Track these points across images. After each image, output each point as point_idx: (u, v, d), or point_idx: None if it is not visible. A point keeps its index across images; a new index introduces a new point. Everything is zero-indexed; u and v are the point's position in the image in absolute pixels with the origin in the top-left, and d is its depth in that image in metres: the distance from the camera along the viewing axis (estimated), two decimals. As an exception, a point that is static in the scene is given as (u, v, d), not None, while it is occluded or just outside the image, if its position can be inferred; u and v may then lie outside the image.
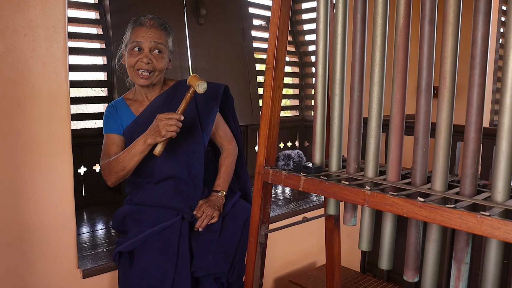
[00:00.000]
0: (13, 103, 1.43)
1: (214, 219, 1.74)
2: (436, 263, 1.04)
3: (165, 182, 1.81)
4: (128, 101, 1.90)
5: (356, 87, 1.21)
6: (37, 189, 1.51)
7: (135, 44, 1.75)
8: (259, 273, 1.45)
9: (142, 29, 1.75)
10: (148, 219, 1.69)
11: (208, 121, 1.87)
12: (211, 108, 1.87)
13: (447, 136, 1.01)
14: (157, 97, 1.86)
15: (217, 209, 1.78)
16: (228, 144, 1.99)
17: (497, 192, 0.93)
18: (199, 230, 1.72)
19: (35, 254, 1.53)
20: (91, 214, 2.23)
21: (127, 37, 1.80)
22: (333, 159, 1.30)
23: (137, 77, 1.77)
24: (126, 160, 1.70)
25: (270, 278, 2.36)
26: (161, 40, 1.77)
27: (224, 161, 1.95)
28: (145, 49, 1.74)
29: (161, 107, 1.83)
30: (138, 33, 1.75)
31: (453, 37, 0.97)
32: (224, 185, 1.89)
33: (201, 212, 1.75)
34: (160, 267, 1.57)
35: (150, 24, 1.76)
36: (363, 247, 1.19)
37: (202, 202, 1.79)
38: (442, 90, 0.99)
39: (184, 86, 1.85)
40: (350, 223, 1.25)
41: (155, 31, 1.76)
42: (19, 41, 1.42)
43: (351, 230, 2.79)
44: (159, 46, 1.76)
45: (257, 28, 3.16)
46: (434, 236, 1.03)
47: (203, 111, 1.87)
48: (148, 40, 1.74)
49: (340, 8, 1.21)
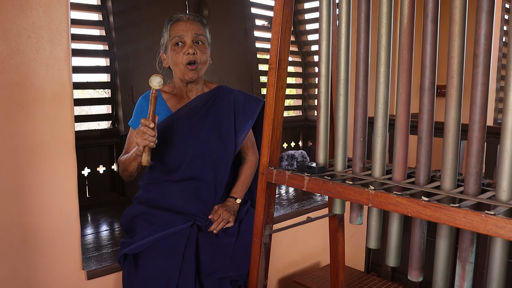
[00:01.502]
0: (17, 105, 1.44)
1: (230, 224, 1.75)
2: (447, 258, 1.04)
3: (186, 183, 1.79)
4: (165, 95, 1.86)
5: (361, 86, 1.20)
6: (41, 190, 1.52)
7: (177, 39, 1.73)
8: (264, 274, 1.44)
9: (181, 23, 1.75)
10: (158, 222, 1.69)
11: (242, 131, 1.87)
12: (247, 119, 1.87)
13: (456, 135, 1.01)
14: (197, 97, 1.83)
15: (233, 214, 1.79)
16: (252, 156, 1.99)
17: (501, 191, 0.93)
18: (214, 232, 1.72)
19: (39, 255, 1.54)
20: (95, 215, 2.23)
21: (165, 38, 1.79)
22: (338, 158, 1.29)
23: (187, 71, 1.74)
24: (126, 163, 1.71)
25: (274, 278, 2.36)
26: (201, 31, 1.76)
27: (246, 171, 1.95)
28: (188, 41, 1.73)
29: (200, 107, 1.82)
30: (178, 27, 1.74)
31: (460, 36, 0.97)
32: (241, 193, 1.90)
33: (218, 215, 1.75)
34: (165, 272, 1.57)
35: (187, 18, 1.77)
36: (371, 245, 1.19)
37: (219, 206, 1.80)
38: (450, 90, 0.99)
39: (224, 91, 1.86)
40: (357, 222, 1.25)
41: (194, 23, 1.76)
42: (23, 44, 1.42)
43: (355, 230, 2.78)
44: (200, 37, 1.75)
45: (260, 29, 3.16)
46: (444, 232, 1.03)
47: (240, 120, 1.86)
48: (190, 33, 1.73)
49: (343, 8, 1.21)
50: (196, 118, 1.80)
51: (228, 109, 1.84)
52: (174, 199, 1.78)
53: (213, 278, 1.63)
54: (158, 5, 2.52)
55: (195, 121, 1.80)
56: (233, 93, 1.88)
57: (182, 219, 1.71)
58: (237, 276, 1.66)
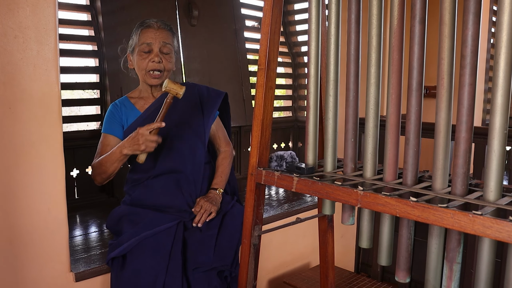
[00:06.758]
0: (4, 106, 1.42)
1: (212, 215, 1.78)
2: (439, 257, 1.04)
3: (166, 176, 1.84)
4: (132, 100, 1.93)
5: (352, 87, 1.21)
6: (29, 192, 1.50)
7: (145, 46, 1.80)
8: (253, 274, 1.44)
9: (150, 30, 1.81)
10: (143, 220, 1.70)
11: (210, 120, 1.95)
12: (213, 108, 1.96)
13: (446, 136, 1.02)
14: (163, 94, 1.88)
15: (215, 205, 1.82)
16: (226, 147, 2.07)
17: (489, 191, 0.94)
18: (198, 225, 1.74)
19: (27, 257, 1.52)
20: (83, 217, 2.22)
21: (134, 41, 1.85)
22: (328, 159, 1.30)
23: (149, 77, 1.83)
24: (107, 165, 1.73)
25: (264, 279, 2.36)
26: (168, 40, 1.84)
27: (222, 162, 2.02)
28: (155, 49, 1.80)
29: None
30: (147, 34, 1.80)
31: (450, 38, 0.98)
32: (222, 184, 1.95)
33: (200, 206, 1.79)
34: (152, 268, 1.57)
35: (158, 25, 1.83)
36: (363, 244, 1.20)
37: (201, 198, 1.83)
38: (440, 91, 1.00)
39: (190, 87, 1.92)
40: (349, 222, 1.26)
41: (163, 32, 1.83)
42: (9, 43, 1.41)
43: (345, 231, 2.79)
44: (167, 46, 1.82)
45: (250, 29, 3.16)
46: (436, 231, 1.03)
47: (207, 110, 1.94)
48: (158, 41, 1.80)
49: (333, 9, 1.22)
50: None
51: (195, 101, 1.92)
52: (157, 194, 1.81)
53: (199, 272, 1.64)
54: (148, 5, 2.51)
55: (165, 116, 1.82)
56: (196, 86, 1.97)
57: (167, 218, 1.72)
58: (221, 266, 1.67)
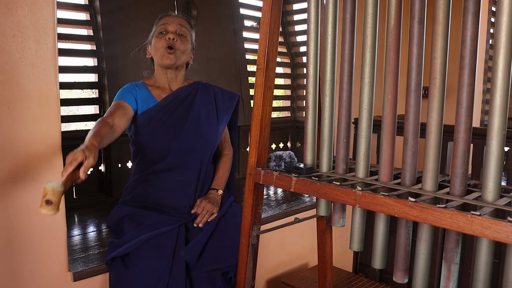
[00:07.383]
0: (2, 105, 1.42)
1: (214, 215, 1.78)
2: (427, 262, 1.04)
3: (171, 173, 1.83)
4: (149, 86, 1.91)
5: (345, 87, 1.21)
6: (27, 191, 1.50)
7: (162, 27, 1.83)
8: (251, 274, 1.44)
9: (169, 16, 1.87)
10: (146, 222, 1.70)
11: (223, 122, 1.96)
12: (226, 111, 1.97)
13: (438, 136, 1.01)
14: (181, 88, 1.90)
15: (216, 205, 1.82)
16: (229, 150, 2.07)
17: (487, 191, 0.94)
18: (199, 225, 1.74)
19: (25, 257, 1.52)
20: (82, 216, 2.21)
21: (153, 31, 1.88)
22: (323, 159, 1.29)
23: (166, 55, 1.81)
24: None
25: (262, 279, 2.36)
26: (185, 25, 1.86)
27: (224, 165, 2.01)
28: (171, 29, 1.83)
29: (184, 98, 1.87)
30: (165, 19, 1.85)
31: (443, 37, 0.97)
32: (222, 185, 1.95)
33: (201, 208, 1.79)
34: (155, 271, 1.56)
35: (176, 14, 1.89)
36: (354, 247, 1.19)
37: (202, 199, 1.83)
38: (432, 91, 1.00)
39: (203, 84, 1.94)
40: (339, 224, 1.25)
41: (181, 18, 1.88)
42: (8, 42, 1.41)
43: (343, 231, 2.79)
44: (183, 29, 1.85)
45: (249, 29, 3.16)
46: (425, 236, 1.03)
47: (221, 112, 1.95)
48: (174, 23, 1.83)
49: (330, 9, 1.21)
50: (181, 108, 1.85)
51: (210, 100, 1.92)
52: (160, 193, 1.81)
53: (202, 272, 1.64)
54: (146, 5, 2.50)
55: (181, 110, 1.85)
56: (211, 87, 1.97)
57: (169, 220, 1.71)
58: (227, 267, 1.66)
